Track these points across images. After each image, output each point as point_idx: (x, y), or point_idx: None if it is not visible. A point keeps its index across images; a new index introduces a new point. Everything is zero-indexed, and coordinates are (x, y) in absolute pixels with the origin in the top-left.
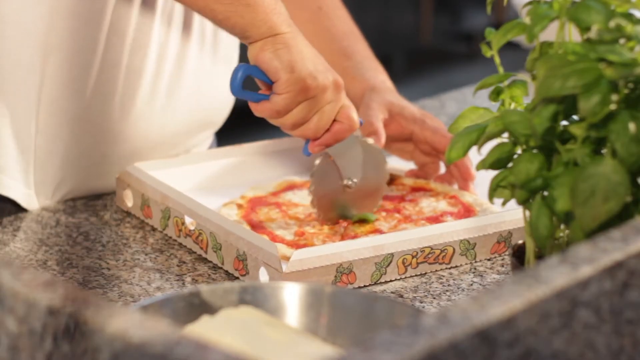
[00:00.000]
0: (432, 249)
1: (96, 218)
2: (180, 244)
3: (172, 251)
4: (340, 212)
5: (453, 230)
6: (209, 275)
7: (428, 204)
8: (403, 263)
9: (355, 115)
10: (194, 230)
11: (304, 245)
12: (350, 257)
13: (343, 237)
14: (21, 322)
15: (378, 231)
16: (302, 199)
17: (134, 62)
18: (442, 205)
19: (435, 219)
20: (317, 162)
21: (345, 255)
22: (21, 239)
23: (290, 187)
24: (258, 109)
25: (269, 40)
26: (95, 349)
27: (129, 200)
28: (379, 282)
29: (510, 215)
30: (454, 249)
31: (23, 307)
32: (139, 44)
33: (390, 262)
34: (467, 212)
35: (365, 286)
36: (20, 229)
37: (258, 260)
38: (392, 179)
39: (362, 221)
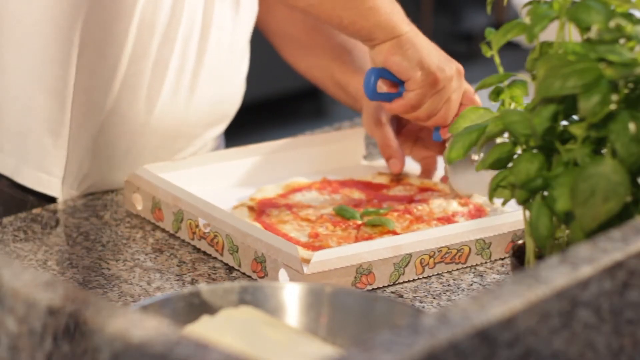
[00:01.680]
0: (449, 248)
1: (96, 218)
2: (180, 244)
3: (172, 251)
4: (473, 187)
5: (469, 229)
6: (209, 275)
7: (438, 205)
8: (421, 263)
9: (477, 98)
10: (208, 232)
11: (320, 247)
12: (369, 257)
13: (357, 239)
14: (21, 322)
15: (392, 232)
16: (311, 200)
17: (162, 55)
18: (453, 205)
19: (447, 220)
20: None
21: (365, 256)
22: (21, 239)
23: (298, 188)
24: (393, 107)
25: (395, 43)
26: (95, 349)
27: (138, 204)
28: (397, 282)
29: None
30: (470, 249)
31: (23, 307)
32: (168, 37)
33: (409, 262)
34: (477, 212)
35: (384, 287)
36: (20, 229)
37: (278, 261)
38: (399, 179)
39: (376, 225)
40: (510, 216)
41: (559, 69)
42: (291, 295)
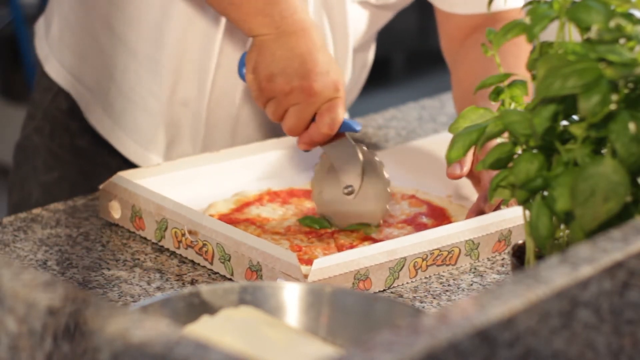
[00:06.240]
0: (440, 250)
1: (96, 218)
2: None
3: (172, 251)
4: (346, 219)
5: (459, 231)
6: (209, 275)
7: (393, 208)
8: (414, 266)
9: (332, 120)
10: (196, 241)
11: (309, 260)
12: (366, 263)
13: (339, 248)
14: (21, 322)
15: (369, 238)
16: (269, 213)
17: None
18: (405, 206)
19: (413, 221)
20: (316, 165)
21: (362, 261)
22: (21, 239)
23: (251, 202)
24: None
25: (252, 41)
26: (95, 349)
27: (115, 212)
28: (391, 287)
29: (510, 213)
30: (459, 250)
31: (23, 307)
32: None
33: (403, 266)
34: (434, 210)
35: (379, 292)
36: (20, 229)
37: (275, 270)
38: None
39: (352, 231)
40: (497, 215)
41: (559, 69)
42: (291, 295)
